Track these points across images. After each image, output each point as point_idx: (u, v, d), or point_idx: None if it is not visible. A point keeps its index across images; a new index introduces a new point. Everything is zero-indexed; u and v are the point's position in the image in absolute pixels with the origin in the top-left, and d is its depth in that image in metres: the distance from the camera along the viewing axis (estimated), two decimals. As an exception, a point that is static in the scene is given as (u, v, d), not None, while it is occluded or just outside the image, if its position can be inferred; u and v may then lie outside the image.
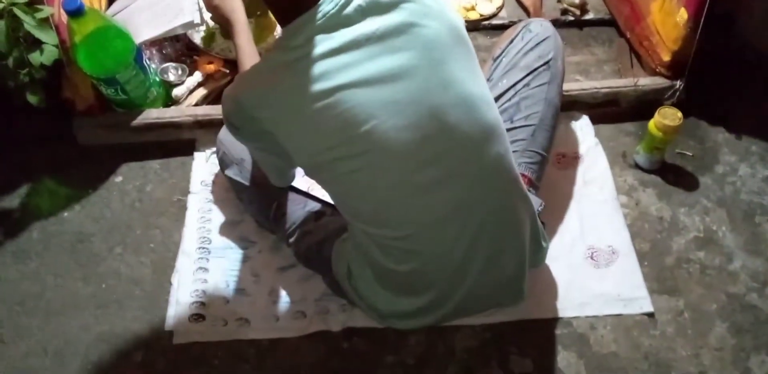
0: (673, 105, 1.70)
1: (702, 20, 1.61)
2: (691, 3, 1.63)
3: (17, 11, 1.41)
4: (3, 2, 1.41)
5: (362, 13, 1.07)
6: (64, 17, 1.55)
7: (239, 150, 1.46)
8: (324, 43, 1.06)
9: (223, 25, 1.50)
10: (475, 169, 1.16)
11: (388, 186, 1.15)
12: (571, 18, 2.01)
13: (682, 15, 1.66)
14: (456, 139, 1.13)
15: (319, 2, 1.06)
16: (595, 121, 1.78)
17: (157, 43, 1.85)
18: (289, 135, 1.13)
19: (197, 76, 1.82)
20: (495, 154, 1.17)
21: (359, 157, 1.12)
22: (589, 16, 2.02)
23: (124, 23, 1.73)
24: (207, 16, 1.67)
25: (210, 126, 1.71)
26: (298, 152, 1.16)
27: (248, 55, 1.41)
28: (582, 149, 1.72)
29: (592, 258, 1.55)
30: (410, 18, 1.08)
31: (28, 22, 1.42)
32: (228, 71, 1.82)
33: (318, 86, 1.06)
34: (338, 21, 1.06)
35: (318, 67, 1.06)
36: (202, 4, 1.65)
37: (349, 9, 1.06)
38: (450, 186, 1.15)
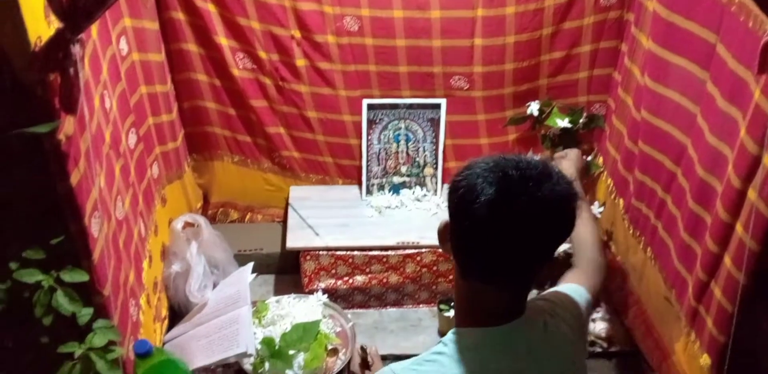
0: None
1: (726, 367, 1.59)
2: (713, 350, 1.65)
3: (93, 356, 1.43)
4: (81, 348, 1.44)
5: None
6: (131, 354, 1.66)
7: None
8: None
9: None
10: None
11: None
12: (599, 349, 2.12)
13: (706, 360, 1.68)
14: None
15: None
16: None
17: (210, 369, 1.97)
18: None
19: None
20: None
21: None
22: (616, 348, 2.11)
23: (180, 349, 1.95)
24: (259, 346, 1.92)
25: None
26: None
27: None
28: None
29: None
30: None
31: (101, 366, 1.44)
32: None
33: None
34: None
35: None
36: (257, 336, 1.94)
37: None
38: None
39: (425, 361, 1.17)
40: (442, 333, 2.32)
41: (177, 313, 2.26)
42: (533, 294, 1.21)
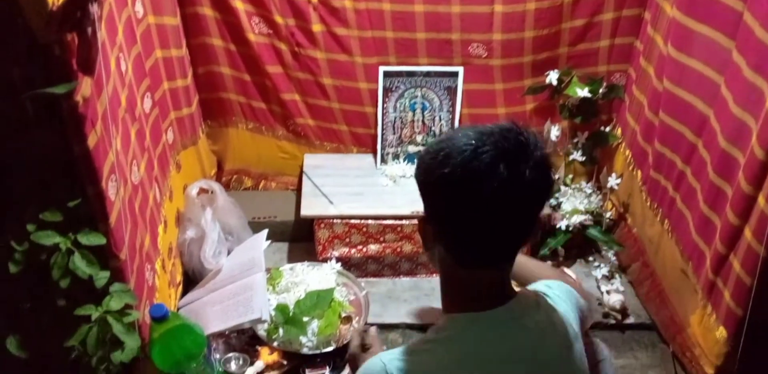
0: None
1: (742, 340, 1.60)
2: (730, 323, 1.66)
3: (109, 319, 1.47)
4: (98, 311, 1.47)
5: None
6: (147, 318, 1.66)
7: None
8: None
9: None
10: None
11: None
12: (613, 321, 2.11)
13: (722, 332, 1.70)
14: None
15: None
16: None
17: (224, 334, 2.00)
18: None
19: (258, 366, 1.94)
20: None
21: None
22: (630, 320, 2.09)
23: (194, 314, 1.96)
24: (273, 312, 1.95)
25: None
26: None
27: None
28: None
29: None
30: None
31: (117, 329, 1.47)
32: (285, 362, 1.97)
33: None
34: None
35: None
36: (271, 302, 1.96)
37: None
38: None
39: (416, 351, 1.14)
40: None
41: (191, 279, 2.27)
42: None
